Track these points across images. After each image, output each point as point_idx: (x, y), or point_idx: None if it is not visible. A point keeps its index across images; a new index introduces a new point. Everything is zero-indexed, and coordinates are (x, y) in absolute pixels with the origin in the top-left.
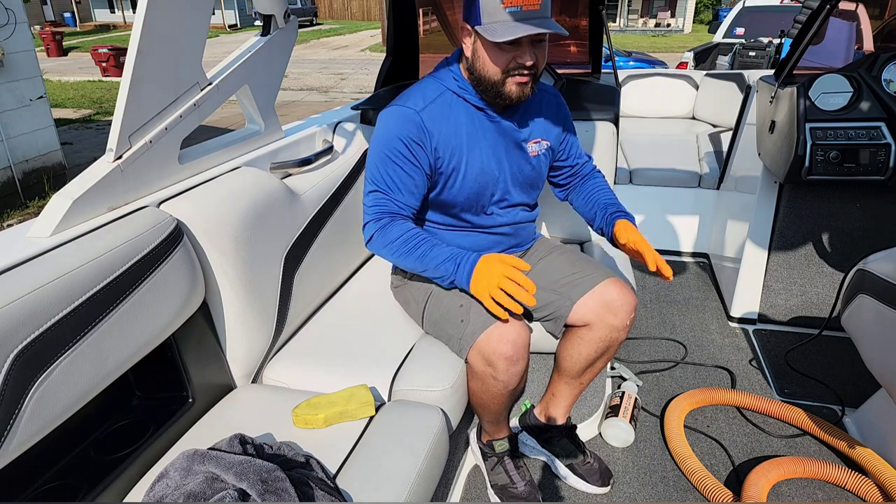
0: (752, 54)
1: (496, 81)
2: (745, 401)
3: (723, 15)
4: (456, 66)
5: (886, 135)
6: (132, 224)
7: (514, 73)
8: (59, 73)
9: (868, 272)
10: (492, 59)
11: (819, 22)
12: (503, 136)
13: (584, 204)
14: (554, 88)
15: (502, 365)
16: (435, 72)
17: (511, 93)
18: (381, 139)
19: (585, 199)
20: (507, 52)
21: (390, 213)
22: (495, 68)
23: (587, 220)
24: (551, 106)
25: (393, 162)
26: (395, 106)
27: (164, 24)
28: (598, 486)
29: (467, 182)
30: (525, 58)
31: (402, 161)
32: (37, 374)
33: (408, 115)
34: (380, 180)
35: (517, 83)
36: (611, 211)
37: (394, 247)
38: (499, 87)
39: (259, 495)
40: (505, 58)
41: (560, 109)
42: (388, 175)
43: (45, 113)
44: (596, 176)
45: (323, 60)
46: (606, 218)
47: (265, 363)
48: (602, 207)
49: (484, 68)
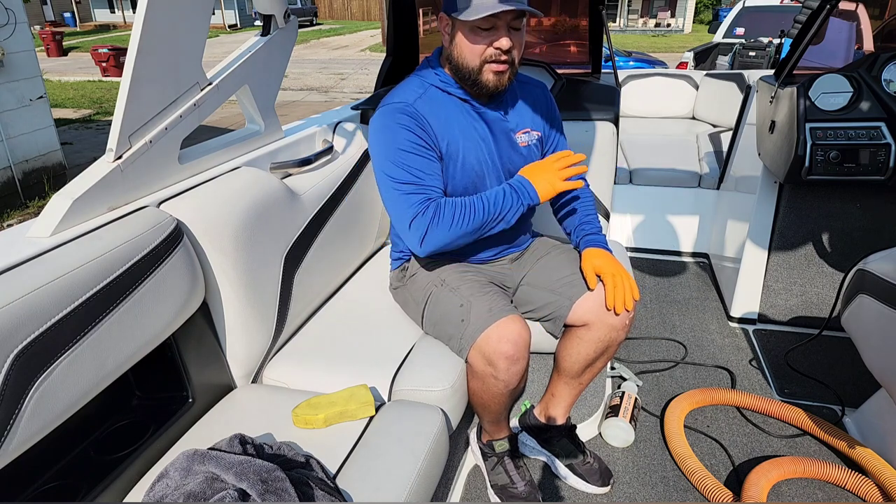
0: (752, 54)
1: (473, 69)
2: (745, 401)
3: (723, 15)
4: (436, 63)
5: (886, 135)
6: (132, 224)
7: (490, 61)
8: (59, 73)
9: (868, 272)
10: (469, 45)
11: (819, 22)
12: (490, 126)
13: (562, 215)
14: (541, 82)
15: (503, 364)
16: (416, 72)
17: (488, 81)
18: (385, 139)
19: (565, 211)
20: (484, 38)
21: (432, 201)
22: (472, 55)
23: (564, 231)
24: (538, 98)
25: (410, 153)
26: (386, 106)
27: (164, 24)
28: (598, 486)
29: (466, 170)
30: (501, 42)
31: (417, 150)
32: (37, 374)
33: (402, 108)
34: (406, 175)
35: (494, 71)
36: (586, 231)
37: (456, 223)
38: (476, 74)
39: (259, 495)
40: (482, 43)
41: (548, 102)
42: (411, 167)
43: (45, 113)
44: (583, 190)
45: (323, 60)
46: (580, 239)
47: (265, 363)
48: (578, 225)
49: (461, 56)
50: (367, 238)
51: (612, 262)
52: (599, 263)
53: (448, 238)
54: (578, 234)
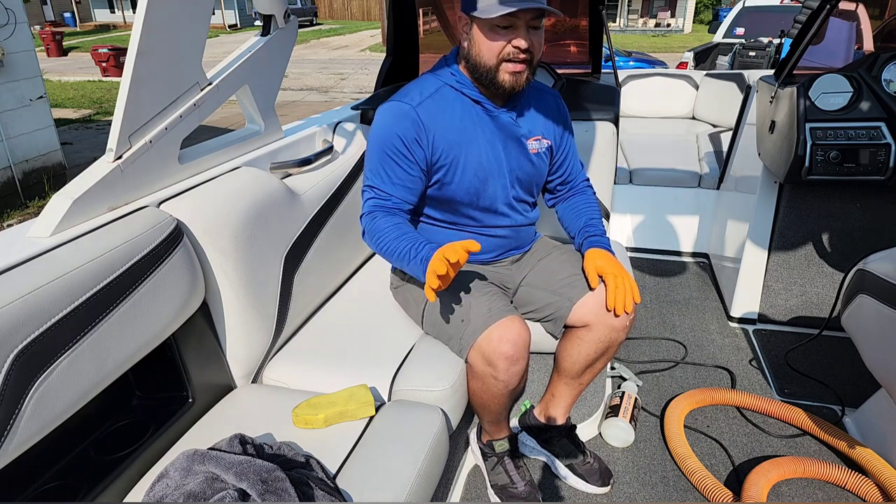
0: (752, 54)
1: (491, 67)
2: (745, 401)
3: (723, 15)
4: (453, 62)
5: (886, 135)
6: (132, 224)
7: (508, 60)
8: (59, 73)
9: (868, 272)
10: (487, 43)
11: (819, 22)
12: (501, 130)
13: (567, 218)
14: (554, 90)
15: (503, 365)
16: (433, 69)
17: (504, 81)
18: (377, 135)
19: (570, 214)
20: (502, 36)
21: (384, 209)
22: (490, 53)
23: (568, 234)
24: (551, 106)
25: (389, 157)
26: (392, 101)
27: (164, 24)
28: (598, 486)
29: (466, 176)
30: (520, 41)
31: (397, 156)
32: (37, 374)
33: (404, 110)
34: (376, 175)
35: (511, 71)
36: (590, 233)
37: (378, 239)
38: (493, 74)
39: (259, 495)
40: (501, 41)
41: (560, 111)
42: (384, 170)
43: (45, 113)
44: (587, 192)
45: (323, 60)
46: (583, 240)
47: (265, 363)
48: (583, 227)
49: (480, 55)
50: None
51: (614, 263)
52: (602, 264)
53: (374, 248)
54: (583, 236)
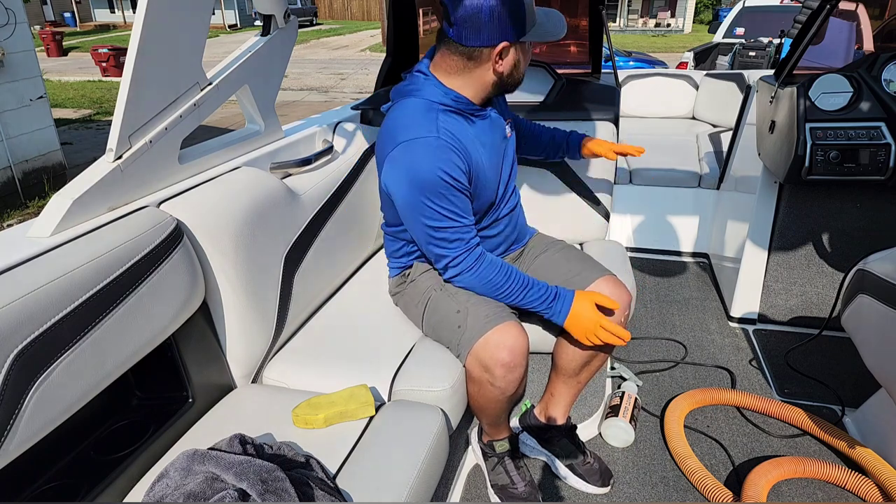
0: (752, 54)
1: (521, 79)
2: (745, 401)
3: (723, 15)
4: (436, 81)
5: (886, 135)
6: (132, 224)
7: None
8: (59, 73)
9: (868, 272)
10: (525, 60)
11: (819, 22)
12: (493, 129)
13: (541, 142)
14: None
15: (499, 371)
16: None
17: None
18: (421, 180)
19: (538, 137)
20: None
21: (475, 244)
22: (525, 65)
23: (547, 152)
24: None
25: (449, 195)
26: (413, 140)
27: (164, 24)
28: (598, 487)
29: (488, 184)
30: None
31: (455, 192)
32: (37, 374)
33: (435, 143)
34: (448, 214)
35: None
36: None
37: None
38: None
39: (259, 495)
40: (530, 52)
41: None
42: (455, 206)
43: (45, 113)
44: (532, 122)
45: (323, 60)
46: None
47: (265, 363)
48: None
49: (518, 71)
50: (367, 238)
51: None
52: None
53: (475, 288)
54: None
